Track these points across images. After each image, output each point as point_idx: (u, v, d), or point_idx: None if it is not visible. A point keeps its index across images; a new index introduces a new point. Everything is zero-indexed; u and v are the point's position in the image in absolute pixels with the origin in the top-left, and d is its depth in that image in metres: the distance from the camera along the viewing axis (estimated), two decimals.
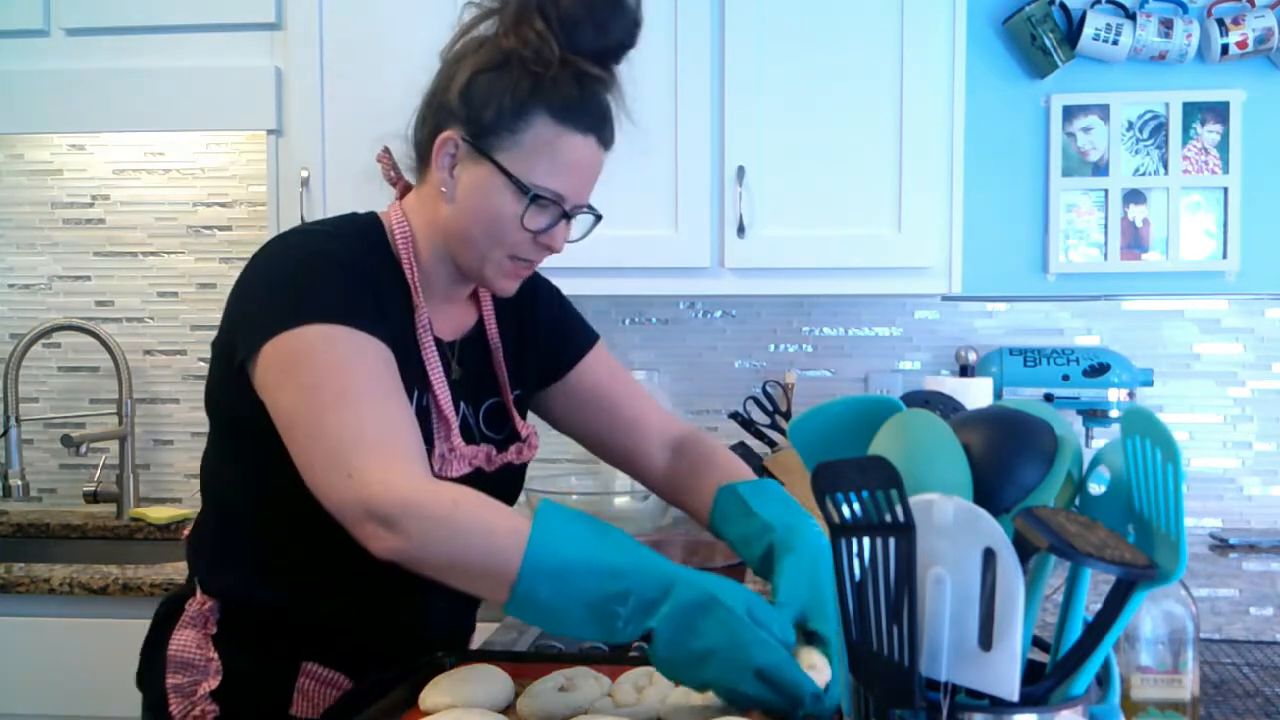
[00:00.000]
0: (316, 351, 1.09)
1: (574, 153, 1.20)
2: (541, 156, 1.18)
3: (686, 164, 2.20)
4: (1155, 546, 0.80)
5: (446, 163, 1.21)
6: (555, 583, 0.99)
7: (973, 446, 0.84)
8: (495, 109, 1.18)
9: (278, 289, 1.15)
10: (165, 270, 2.71)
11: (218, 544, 1.29)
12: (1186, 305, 2.50)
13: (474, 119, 1.19)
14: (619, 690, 1.12)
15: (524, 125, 1.18)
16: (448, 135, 1.20)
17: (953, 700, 0.78)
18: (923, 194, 2.17)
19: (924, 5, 2.15)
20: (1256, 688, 1.32)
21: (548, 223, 1.21)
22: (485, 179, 1.19)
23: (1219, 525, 2.49)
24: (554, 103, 1.18)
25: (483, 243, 1.21)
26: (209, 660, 1.25)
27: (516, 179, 1.18)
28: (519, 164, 1.18)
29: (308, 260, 1.16)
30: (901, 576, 0.76)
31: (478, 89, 1.18)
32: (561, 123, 1.18)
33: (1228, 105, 2.44)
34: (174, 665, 1.26)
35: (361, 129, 2.16)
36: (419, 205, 1.26)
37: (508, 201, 1.19)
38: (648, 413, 1.45)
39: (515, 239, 1.21)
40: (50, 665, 2.08)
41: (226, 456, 1.29)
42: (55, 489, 2.76)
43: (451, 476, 1.22)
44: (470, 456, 1.26)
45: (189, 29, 2.34)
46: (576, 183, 1.22)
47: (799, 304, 2.58)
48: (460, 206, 1.21)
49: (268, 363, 1.11)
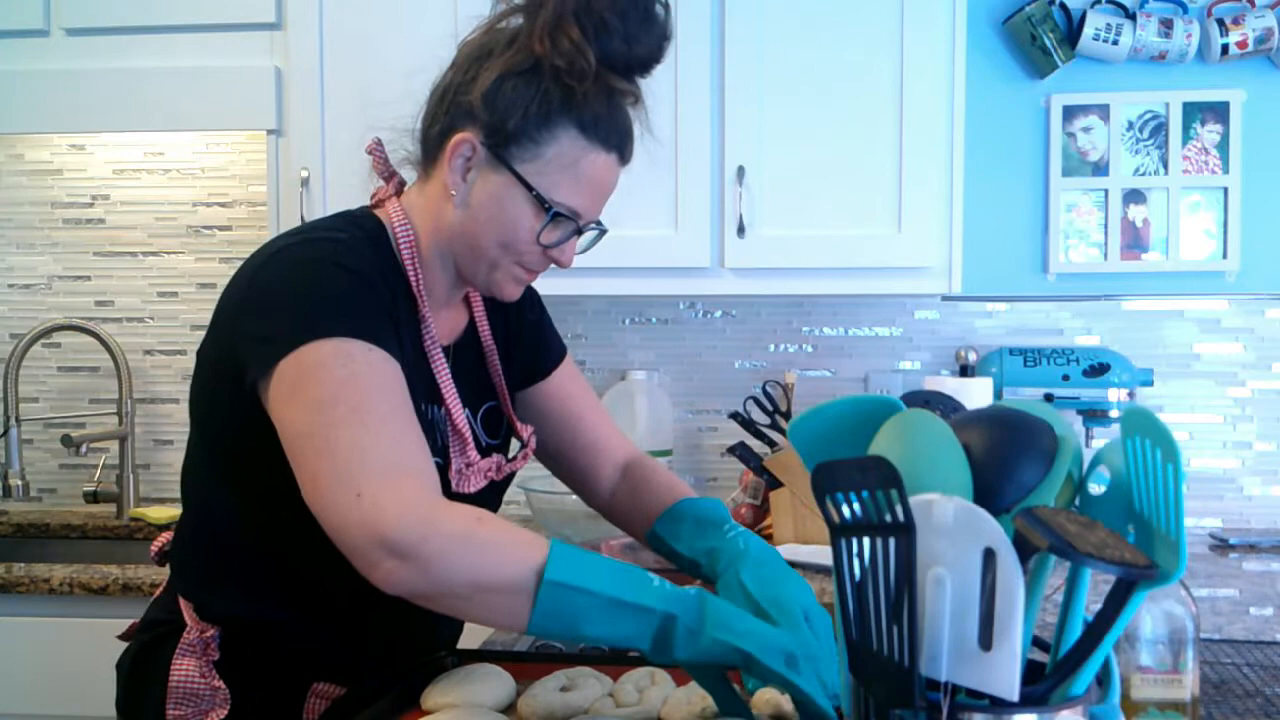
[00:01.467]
0: (330, 366, 1.03)
1: (596, 170, 1.16)
2: (564, 171, 1.14)
3: (686, 164, 2.20)
4: (1155, 546, 0.80)
5: (460, 166, 1.15)
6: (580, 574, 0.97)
7: (973, 446, 0.84)
8: (520, 117, 1.12)
9: (290, 304, 1.07)
10: (165, 270, 2.71)
11: (209, 566, 1.23)
12: (1186, 305, 2.50)
13: (496, 125, 1.13)
14: (620, 690, 1.12)
15: (549, 137, 1.13)
16: (464, 137, 1.14)
17: (953, 700, 0.78)
18: (923, 194, 2.17)
19: (924, 5, 2.15)
20: (1256, 688, 1.32)
21: (562, 238, 1.18)
22: (503, 189, 1.15)
23: (1219, 525, 2.49)
24: (584, 117, 1.14)
25: (493, 252, 1.17)
26: (215, 689, 1.18)
27: (539, 194, 1.14)
28: (539, 177, 1.14)
29: (321, 272, 1.09)
30: (901, 576, 0.76)
31: (504, 94, 1.13)
32: (589, 139, 1.15)
33: (1228, 105, 2.44)
34: (176, 697, 1.19)
35: (361, 129, 2.16)
36: (423, 205, 1.21)
37: (525, 214, 1.15)
38: (610, 435, 1.42)
39: (527, 251, 1.17)
40: (50, 665, 2.08)
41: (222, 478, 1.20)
42: (55, 489, 2.76)
43: (469, 492, 1.20)
44: (486, 470, 1.22)
45: (189, 29, 2.34)
46: (594, 200, 1.19)
47: (799, 304, 2.58)
48: (472, 213, 1.16)
49: (280, 379, 1.05)
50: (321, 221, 1.22)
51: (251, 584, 1.20)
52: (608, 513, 1.41)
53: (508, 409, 1.33)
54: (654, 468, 1.39)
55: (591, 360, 2.63)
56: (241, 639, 1.21)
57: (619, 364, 2.63)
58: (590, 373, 2.64)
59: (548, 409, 1.39)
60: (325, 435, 1.00)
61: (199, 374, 1.19)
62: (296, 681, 1.21)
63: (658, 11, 1.15)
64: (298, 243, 1.14)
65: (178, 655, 1.19)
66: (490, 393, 1.31)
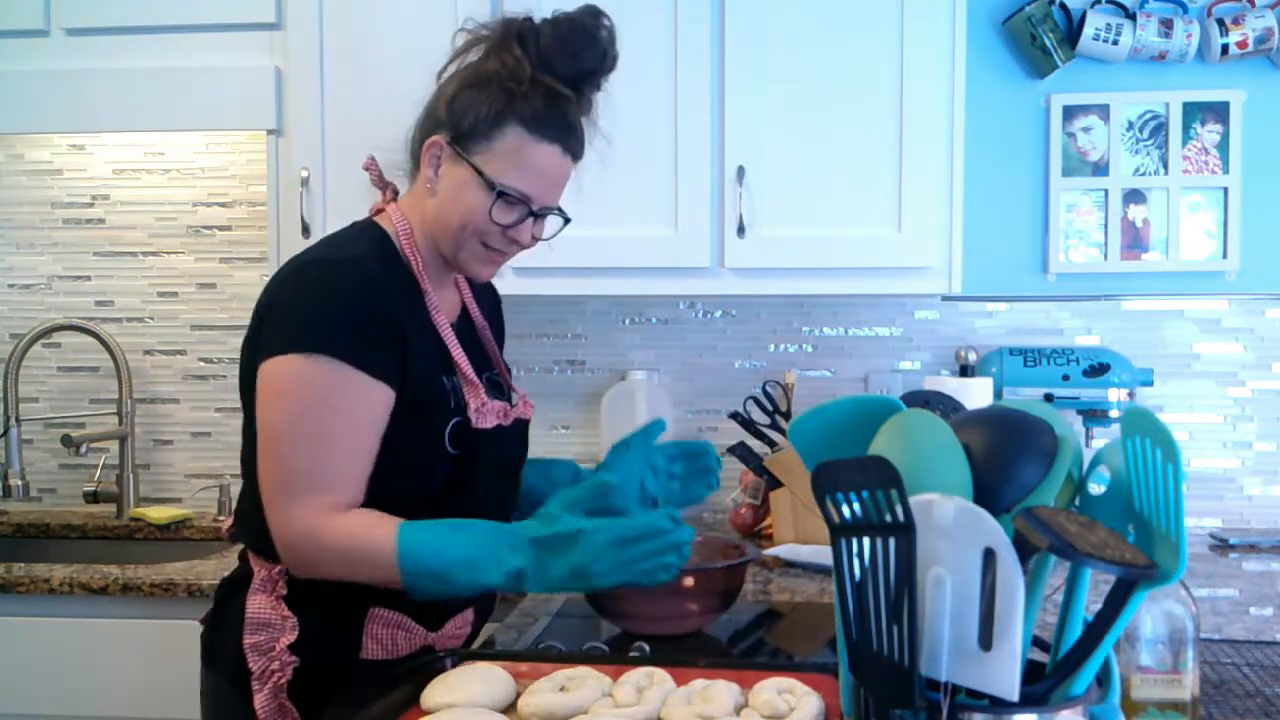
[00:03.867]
0: (313, 384, 1.28)
1: (539, 159, 1.38)
2: (511, 161, 1.38)
3: (686, 164, 2.20)
4: (1155, 546, 0.80)
5: (433, 163, 1.40)
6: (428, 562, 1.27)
7: (973, 446, 0.84)
8: (474, 118, 1.37)
9: (307, 310, 1.31)
10: (165, 270, 2.71)
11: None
12: (1186, 305, 2.50)
13: (456, 126, 1.38)
14: (620, 690, 1.12)
15: (498, 134, 1.37)
16: (434, 140, 1.40)
17: (953, 700, 0.78)
18: (923, 194, 2.17)
19: (924, 5, 2.15)
20: (1256, 688, 1.32)
21: (514, 218, 1.40)
22: (463, 177, 1.39)
23: (1219, 525, 2.49)
24: (524, 115, 1.37)
25: (458, 231, 1.40)
26: (284, 618, 1.36)
27: (486, 177, 1.37)
28: (491, 166, 1.37)
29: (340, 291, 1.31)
30: (901, 576, 0.76)
31: (461, 101, 1.38)
32: (530, 132, 1.37)
33: (1228, 105, 2.44)
34: (251, 626, 1.37)
35: (361, 129, 2.17)
36: (413, 202, 1.45)
37: (480, 197, 1.38)
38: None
39: (486, 229, 1.39)
40: (50, 665, 2.08)
41: None
42: (55, 489, 2.76)
43: (486, 428, 1.40)
44: (497, 411, 1.42)
45: (189, 29, 2.34)
46: (542, 186, 1.40)
47: (799, 304, 2.58)
48: (441, 200, 1.40)
49: (273, 372, 1.30)
50: (337, 237, 1.43)
51: None
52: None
53: (504, 375, 1.56)
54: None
55: (591, 360, 2.63)
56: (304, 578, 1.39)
57: (619, 364, 2.63)
58: (590, 373, 2.64)
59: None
60: (283, 449, 1.29)
61: (245, 361, 1.38)
62: (356, 608, 1.37)
63: (601, 35, 1.40)
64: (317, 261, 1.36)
65: (252, 593, 1.39)
66: (487, 363, 1.53)
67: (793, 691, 1.09)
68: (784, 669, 1.18)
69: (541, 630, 1.62)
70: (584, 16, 1.40)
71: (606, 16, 1.42)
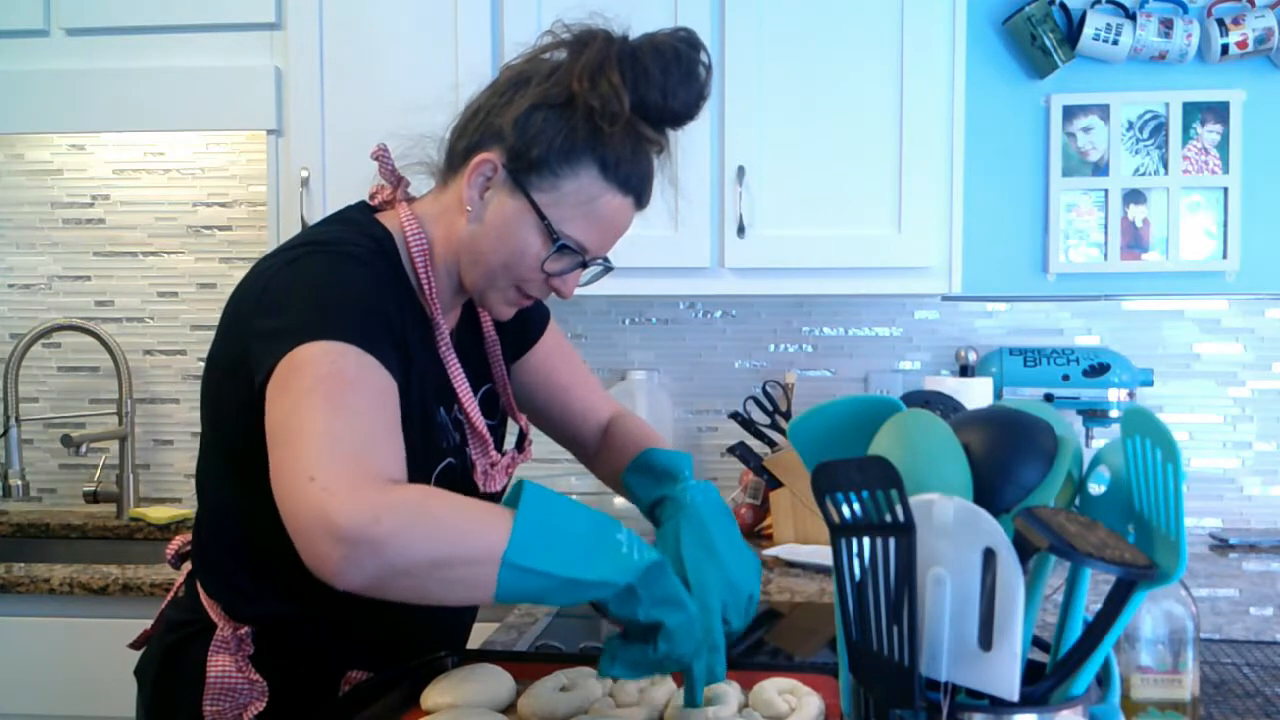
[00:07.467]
0: (319, 361, 1.02)
1: (610, 211, 1.19)
2: (578, 207, 1.17)
3: (686, 164, 2.20)
4: (1155, 546, 0.80)
5: (479, 183, 1.18)
6: (541, 556, 0.93)
7: (973, 446, 0.84)
8: (545, 147, 1.15)
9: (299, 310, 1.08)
10: (165, 270, 2.71)
11: (235, 568, 1.22)
12: (1186, 305, 2.50)
13: (520, 150, 1.15)
14: (620, 690, 1.12)
15: (569, 172, 1.16)
16: (488, 157, 1.17)
17: (953, 700, 0.78)
18: (923, 194, 2.17)
19: (924, 5, 2.15)
20: (1256, 688, 1.32)
21: (566, 269, 1.20)
22: (516, 213, 1.17)
23: (1219, 525, 2.49)
24: (607, 158, 1.16)
25: (496, 270, 1.19)
26: (252, 683, 1.19)
27: (549, 224, 1.16)
28: (553, 208, 1.16)
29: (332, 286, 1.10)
30: (901, 576, 0.76)
31: (534, 122, 1.15)
32: (608, 180, 1.17)
33: (1228, 105, 2.44)
34: (214, 693, 1.19)
35: (361, 129, 2.17)
36: (438, 214, 1.22)
37: (533, 241, 1.17)
38: (593, 400, 1.46)
39: (530, 277, 1.20)
40: (50, 665, 2.08)
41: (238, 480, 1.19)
42: (55, 489, 2.76)
43: (495, 490, 1.25)
44: (506, 466, 1.28)
45: (189, 29, 2.34)
46: (604, 238, 1.21)
47: (799, 304, 2.58)
48: (484, 230, 1.18)
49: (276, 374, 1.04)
50: (332, 230, 1.21)
51: (280, 583, 1.19)
52: (596, 471, 1.46)
53: (506, 394, 1.37)
54: (632, 422, 1.43)
55: (592, 360, 2.63)
56: (275, 634, 1.22)
57: (619, 364, 2.63)
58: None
59: (536, 384, 1.43)
60: (295, 424, 0.98)
61: (209, 376, 1.21)
62: (331, 671, 1.22)
63: (699, 71, 1.18)
64: (312, 253, 1.14)
65: (212, 652, 1.20)
66: (487, 375, 1.35)
67: (793, 692, 1.09)
68: (784, 669, 1.19)
69: (541, 630, 1.62)
70: (684, 47, 1.19)
71: (705, 49, 1.21)
